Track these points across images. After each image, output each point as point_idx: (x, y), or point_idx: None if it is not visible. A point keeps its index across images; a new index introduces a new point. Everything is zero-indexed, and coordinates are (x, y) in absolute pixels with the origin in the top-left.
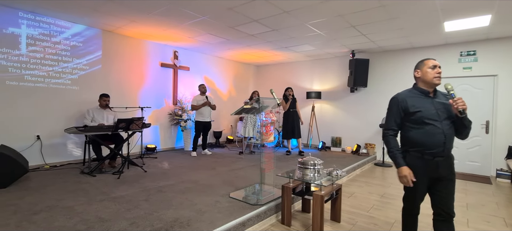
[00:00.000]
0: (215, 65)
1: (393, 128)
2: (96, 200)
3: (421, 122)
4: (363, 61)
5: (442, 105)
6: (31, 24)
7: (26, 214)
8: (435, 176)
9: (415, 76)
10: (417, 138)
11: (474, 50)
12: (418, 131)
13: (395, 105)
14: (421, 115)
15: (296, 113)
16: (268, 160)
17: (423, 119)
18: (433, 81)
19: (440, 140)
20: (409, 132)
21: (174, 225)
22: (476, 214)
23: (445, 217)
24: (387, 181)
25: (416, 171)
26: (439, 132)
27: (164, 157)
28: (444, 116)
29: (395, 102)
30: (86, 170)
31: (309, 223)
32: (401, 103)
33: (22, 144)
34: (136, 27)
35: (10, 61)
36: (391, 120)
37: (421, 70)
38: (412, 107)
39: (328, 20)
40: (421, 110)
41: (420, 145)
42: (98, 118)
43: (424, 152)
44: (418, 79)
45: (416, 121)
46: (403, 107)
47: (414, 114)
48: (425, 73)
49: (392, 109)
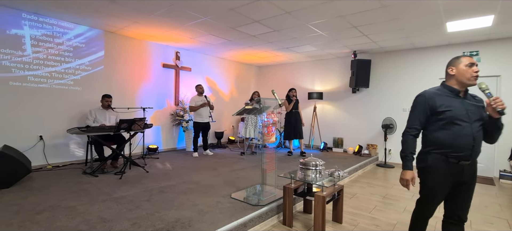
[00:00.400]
0: (216, 65)
1: (416, 127)
2: (98, 201)
3: (449, 122)
4: (365, 62)
5: (473, 107)
6: (34, 25)
7: (29, 214)
8: (458, 180)
9: (449, 73)
10: (443, 139)
11: (477, 50)
12: (445, 132)
13: (422, 103)
14: (451, 114)
15: (298, 114)
16: (270, 160)
17: (452, 119)
18: (469, 80)
19: (469, 143)
20: (435, 133)
21: (175, 226)
22: (479, 216)
23: (457, 221)
24: (389, 182)
25: (439, 174)
26: (468, 134)
27: (166, 157)
28: (474, 118)
29: (422, 99)
30: (88, 171)
31: (311, 224)
32: (428, 101)
33: (25, 144)
34: (138, 28)
35: (13, 62)
36: (415, 118)
37: (456, 68)
38: (441, 106)
39: (330, 21)
40: (451, 109)
41: (446, 146)
42: (100, 119)
43: (449, 155)
44: (452, 77)
45: (444, 121)
46: (431, 105)
47: (443, 113)
48: (461, 71)
49: (418, 106)
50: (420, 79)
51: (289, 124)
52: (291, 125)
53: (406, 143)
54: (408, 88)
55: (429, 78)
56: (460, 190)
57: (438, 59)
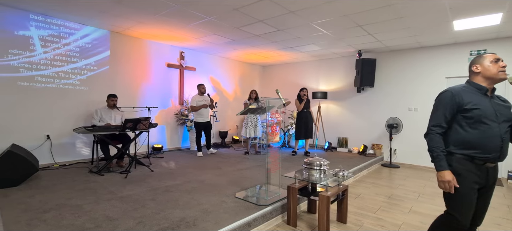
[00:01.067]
0: (221, 65)
1: (442, 125)
2: (104, 199)
3: (477, 121)
4: (370, 61)
5: (501, 107)
6: (42, 26)
7: (36, 212)
8: (482, 184)
9: (474, 71)
10: (470, 139)
11: (485, 49)
12: (473, 131)
13: (448, 99)
14: (479, 113)
15: (309, 114)
16: (274, 160)
17: (480, 118)
18: (498, 75)
19: (497, 144)
20: (460, 132)
21: (180, 225)
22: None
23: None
24: (395, 182)
25: (465, 177)
26: (496, 135)
27: (171, 157)
28: (502, 118)
29: (449, 95)
30: (94, 169)
31: (315, 224)
32: (456, 97)
33: (33, 144)
34: (143, 28)
35: (21, 62)
36: (441, 115)
37: (481, 65)
38: (469, 104)
39: (334, 20)
40: (479, 107)
41: (473, 147)
42: (106, 118)
43: (476, 156)
44: (477, 74)
45: (471, 120)
46: (458, 102)
47: (471, 111)
48: (486, 67)
49: (444, 103)
50: (426, 78)
51: (301, 124)
52: (302, 125)
53: (433, 141)
54: (414, 87)
55: (435, 77)
56: (480, 194)
57: (445, 58)
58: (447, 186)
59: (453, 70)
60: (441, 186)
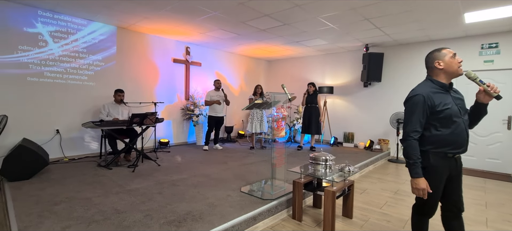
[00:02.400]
0: (226, 60)
1: (418, 130)
2: (112, 192)
3: (449, 120)
4: (377, 55)
5: (459, 101)
6: (50, 22)
7: (47, 205)
8: (453, 173)
9: (437, 67)
10: (444, 137)
11: (497, 42)
12: (446, 130)
13: (420, 103)
14: (450, 112)
15: (314, 109)
16: (279, 155)
17: (451, 116)
18: (458, 71)
19: (465, 137)
20: (434, 132)
21: (187, 218)
22: (495, 213)
23: (455, 212)
24: (401, 177)
25: (439, 172)
26: (463, 129)
27: (177, 151)
28: (463, 112)
29: (420, 99)
30: (102, 163)
31: (320, 218)
32: (427, 101)
33: (43, 138)
34: (149, 24)
35: (31, 58)
36: (416, 120)
37: (443, 61)
38: (439, 104)
39: (341, 13)
40: (449, 106)
41: (447, 144)
42: (113, 113)
43: (449, 151)
44: (440, 71)
45: (444, 120)
46: (430, 105)
47: (442, 112)
48: (448, 63)
49: (417, 107)
50: None
51: (305, 118)
52: (306, 119)
53: (411, 148)
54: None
55: None
56: (452, 180)
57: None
58: (421, 193)
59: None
60: (415, 193)
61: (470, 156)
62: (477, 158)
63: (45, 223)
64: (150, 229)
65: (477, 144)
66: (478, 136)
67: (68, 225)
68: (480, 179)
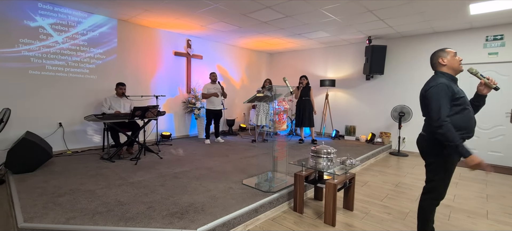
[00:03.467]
0: (227, 53)
1: (449, 114)
2: (115, 185)
3: (463, 107)
4: (380, 48)
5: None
6: (50, 15)
7: (52, 197)
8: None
9: (440, 63)
10: (461, 123)
11: (502, 34)
12: (461, 116)
13: (444, 90)
14: (465, 100)
15: (308, 102)
16: (281, 148)
17: (465, 104)
18: (459, 68)
19: (474, 123)
20: (454, 117)
21: (189, 210)
22: (496, 206)
23: None
24: (402, 170)
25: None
26: (473, 116)
27: (179, 144)
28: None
29: (444, 87)
30: (105, 156)
31: (322, 210)
32: (449, 88)
33: (46, 131)
34: (149, 16)
35: (32, 51)
36: (445, 106)
37: (446, 58)
38: (458, 93)
39: (344, 5)
40: (463, 95)
41: (463, 129)
42: (115, 106)
43: (462, 136)
44: (444, 66)
45: (460, 107)
46: (451, 93)
47: (459, 99)
48: (451, 60)
49: (443, 93)
50: None
51: (299, 112)
52: (300, 113)
53: (450, 131)
54: (426, 74)
55: None
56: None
57: (459, 44)
58: (481, 166)
59: (467, 56)
60: (475, 168)
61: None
62: (479, 151)
63: (49, 214)
64: (153, 221)
65: (480, 137)
66: (481, 129)
67: (72, 216)
68: (482, 172)
